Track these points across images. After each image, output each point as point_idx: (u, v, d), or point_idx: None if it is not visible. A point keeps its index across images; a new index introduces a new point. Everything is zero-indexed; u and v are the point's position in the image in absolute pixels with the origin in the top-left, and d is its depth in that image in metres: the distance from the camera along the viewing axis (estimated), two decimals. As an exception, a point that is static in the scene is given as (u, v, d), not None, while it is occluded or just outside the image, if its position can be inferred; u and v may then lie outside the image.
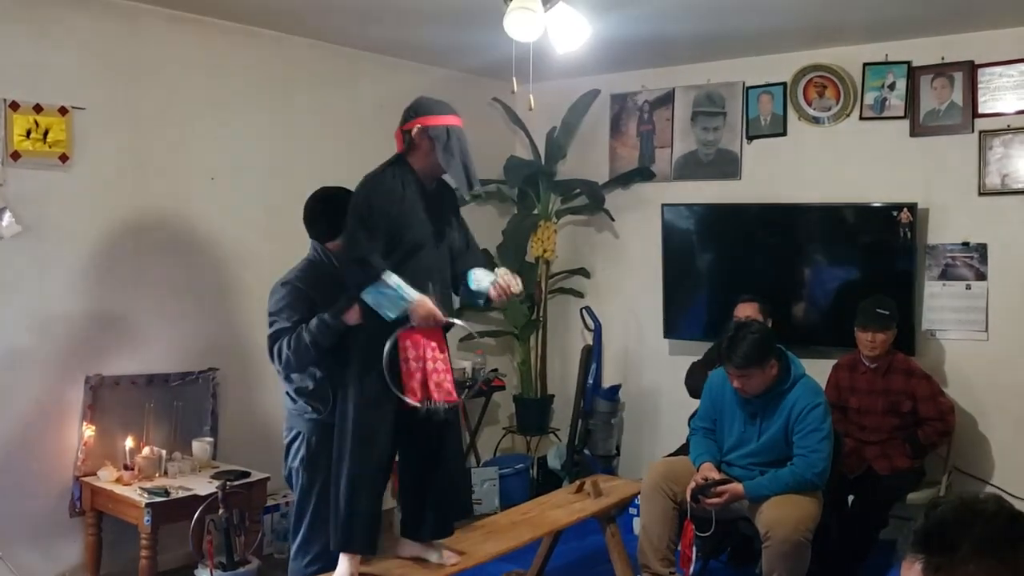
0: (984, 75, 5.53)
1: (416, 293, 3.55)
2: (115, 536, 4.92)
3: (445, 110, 3.77)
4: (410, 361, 3.62)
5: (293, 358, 3.82)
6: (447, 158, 3.67)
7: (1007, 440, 5.56)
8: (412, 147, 3.74)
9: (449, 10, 5.12)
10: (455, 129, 3.73)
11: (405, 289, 3.53)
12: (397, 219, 3.66)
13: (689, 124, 6.66)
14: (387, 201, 3.65)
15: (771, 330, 4.74)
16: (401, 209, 3.67)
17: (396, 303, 3.52)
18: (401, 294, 3.52)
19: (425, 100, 3.80)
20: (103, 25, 4.99)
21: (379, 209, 3.63)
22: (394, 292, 3.51)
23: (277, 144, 5.78)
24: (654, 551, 4.57)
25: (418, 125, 3.71)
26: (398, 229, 3.65)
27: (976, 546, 1.49)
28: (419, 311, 3.54)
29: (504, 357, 7.38)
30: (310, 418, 3.99)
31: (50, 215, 4.81)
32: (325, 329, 3.75)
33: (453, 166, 3.69)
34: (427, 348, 3.67)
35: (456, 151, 3.68)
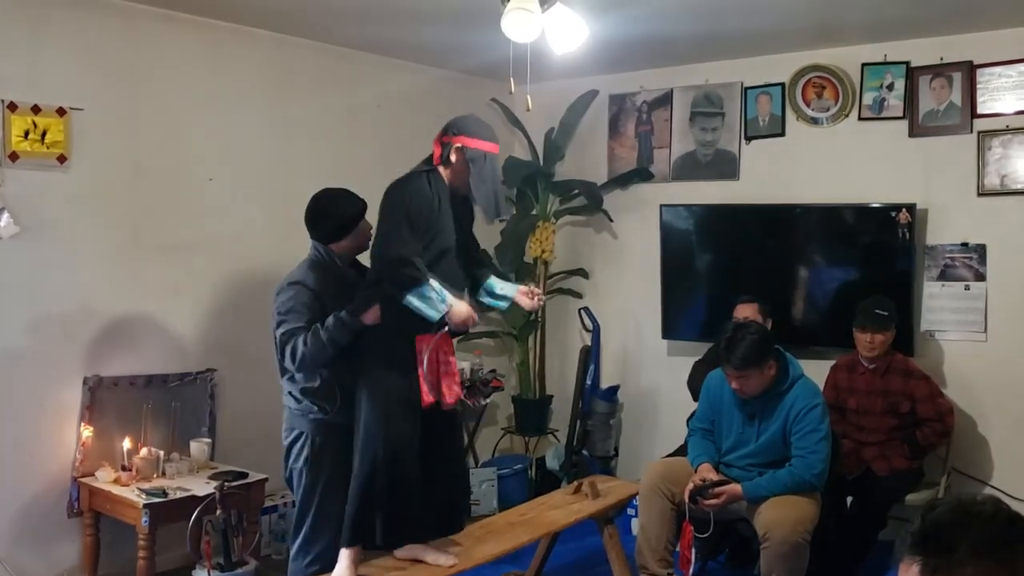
0: (983, 75, 5.53)
1: (452, 298, 3.68)
2: (113, 537, 4.92)
3: (487, 135, 3.88)
4: (425, 363, 3.72)
5: (309, 357, 3.85)
6: (478, 184, 3.79)
7: (1006, 441, 5.56)
8: (447, 162, 3.83)
9: (447, 11, 5.12)
10: (492, 156, 3.85)
11: (446, 294, 3.66)
12: (431, 224, 3.76)
13: (687, 125, 6.66)
14: (426, 205, 3.76)
15: (769, 331, 4.74)
16: (436, 215, 3.78)
17: (438, 306, 3.63)
18: (443, 297, 3.64)
19: (471, 120, 3.91)
20: (101, 26, 4.98)
21: (418, 211, 3.73)
22: (437, 295, 3.63)
23: (275, 145, 5.77)
24: (652, 552, 4.56)
25: (458, 144, 3.80)
26: (431, 233, 3.76)
27: (974, 548, 1.49)
28: (458, 314, 3.69)
29: (503, 358, 7.38)
30: (314, 418, 3.99)
31: (48, 216, 4.81)
32: (342, 327, 3.82)
33: (483, 193, 3.80)
34: (440, 351, 3.80)
35: (488, 178, 3.81)
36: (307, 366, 3.90)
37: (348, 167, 5.69)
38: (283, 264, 4.18)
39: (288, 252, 4.13)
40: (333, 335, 3.81)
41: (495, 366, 7.08)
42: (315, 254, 4.08)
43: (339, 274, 4.04)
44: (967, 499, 1.57)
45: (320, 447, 3.99)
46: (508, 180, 6.96)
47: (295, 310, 3.92)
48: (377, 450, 3.72)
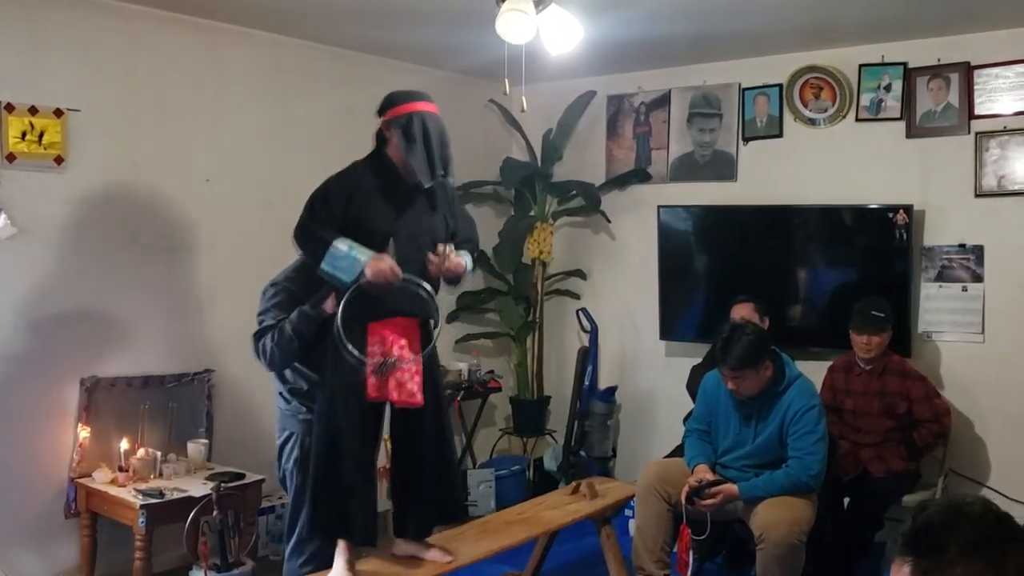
0: (980, 76, 5.53)
1: (370, 252, 3.50)
2: (110, 537, 4.92)
3: (409, 97, 3.71)
4: (376, 356, 3.58)
5: (277, 351, 3.84)
6: (407, 146, 3.60)
7: (1003, 442, 5.56)
8: (386, 142, 3.72)
9: (444, 11, 5.13)
10: (419, 115, 3.65)
11: (358, 250, 3.49)
12: (360, 210, 3.62)
13: (685, 125, 6.66)
14: (347, 191, 3.64)
15: (765, 332, 4.74)
16: (366, 201, 3.64)
17: (351, 266, 3.48)
18: (353, 255, 3.48)
19: (392, 93, 3.76)
20: (99, 27, 4.99)
21: (337, 196, 3.63)
22: (346, 254, 3.48)
23: (272, 146, 5.78)
24: (648, 553, 4.56)
25: (385, 119, 3.70)
26: (364, 222, 3.61)
27: (964, 548, 1.49)
28: (372, 267, 3.47)
29: (501, 359, 7.38)
30: (304, 419, 3.99)
31: (45, 217, 4.81)
32: (305, 319, 3.77)
33: (413, 154, 3.60)
34: (395, 346, 3.63)
35: (418, 137, 3.60)
36: (276, 362, 3.89)
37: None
38: (280, 265, 4.18)
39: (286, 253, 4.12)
40: (297, 327, 3.78)
41: (493, 367, 7.09)
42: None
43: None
44: (957, 500, 1.58)
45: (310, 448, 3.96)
46: (506, 181, 7.00)
47: (270, 310, 3.93)
48: (318, 446, 3.67)
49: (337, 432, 3.64)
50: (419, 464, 3.82)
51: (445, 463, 3.94)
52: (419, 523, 3.92)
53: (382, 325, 3.63)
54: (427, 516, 3.92)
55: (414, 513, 3.87)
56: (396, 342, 3.64)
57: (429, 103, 3.72)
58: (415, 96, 3.72)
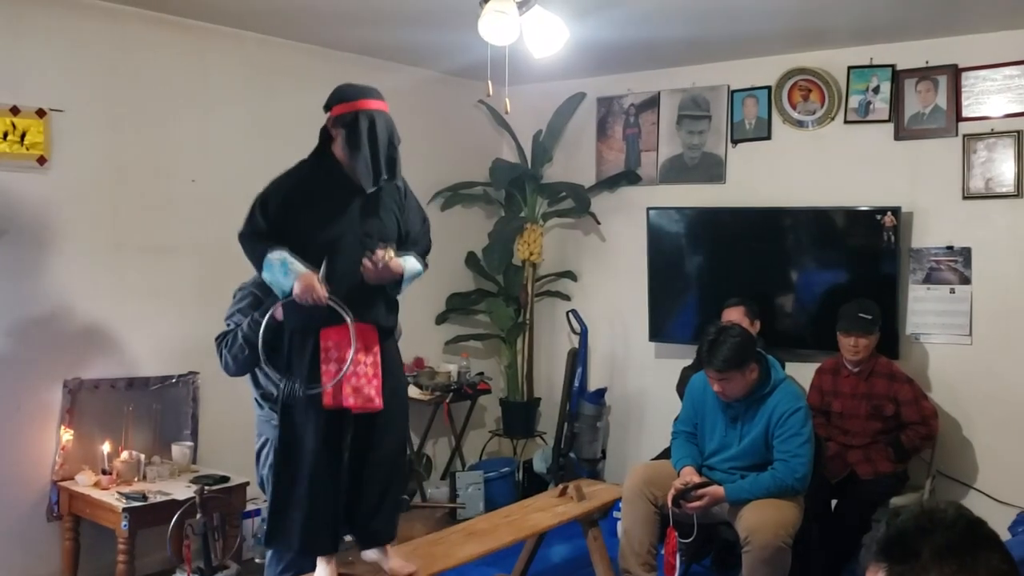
0: (968, 79, 5.52)
1: (302, 268, 3.38)
2: (93, 541, 4.90)
3: (357, 94, 3.54)
4: (331, 362, 3.47)
5: (229, 356, 3.82)
6: (352, 147, 3.45)
7: (991, 444, 5.55)
8: (330, 139, 3.58)
9: (431, 12, 5.11)
10: (367, 114, 3.48)
11: (291, 264, 3.38)
12: (301, 214, 3.49)
13: (674, 127, 6.65)
14: (284, 195, 3.51)
15: (751, 334, 4.72)
16: (306, 205, 3.50)
17: (284, 279, 3.39)
18: (286, 269, 3.38)
19: (339, 88, 3.60)
20: (82, 26, 4.96)
21: (275, 201, 3.49)
22: (280, 268, 3.39)
23: (258, 146, 5.74)
24: (635, 555, 4.55)
25: (331, 115, 3.55)
26: (307, 225, 3.48)
27: (937, 553, 1.49)
28: (298, 285, 3.35)
29: (490, 360, 7.36)
30: (276, 425, 3.96)
31: (28, 217, 4.79)
32: (254, 324, 3.67)
33: (357, 157, 3.44)
34: (349, 350, 3.45)
35: (363, 139, 3.43)
36: (231, 368, 3.86)
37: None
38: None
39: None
40: (247, 335, 3.72)
41: (483, 369, 7.08)
42: None
43: None
44: (930, 506, 1.57)
45: None
46: (495, 182, 6.99)
47: (234, 315, 3.91)
48: (279, 454, 3.59)
49: (293, 442, 3.55)
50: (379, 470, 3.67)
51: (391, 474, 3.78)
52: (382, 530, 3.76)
53: (336, 330, 3.47)
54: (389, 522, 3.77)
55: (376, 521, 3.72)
56: (350, 347, 3.46)
57: (378, 100, 3.54)
58: (363, 92, 3.55)
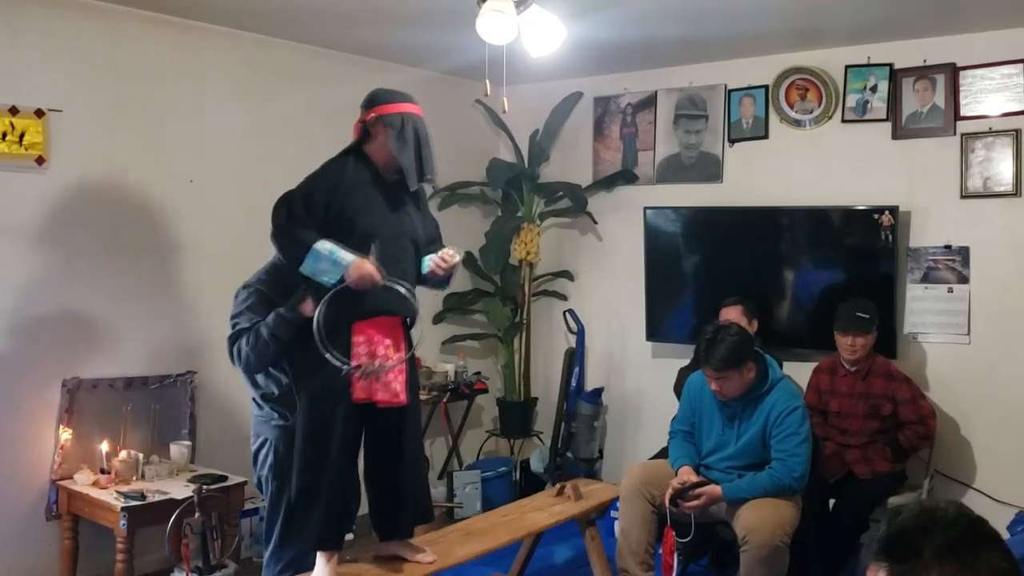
0: (966, 77, 5.53)
1: (352, 255, 3.48)
2: (91, 540, 4.89)
3: (401, 98, 3.72)
4: (361, 357, 3.56)
5: (252, 355, 3.80)
6: (400, 146, 3.62)
7: (989, 443, 5.56)
8: (369, 137, 3.71)
9: (429, 12, 5.11)
10: (411, 117, 3.67)
11: (339, 253, 3.48)
12: (344, 206, 3.61)
13: (671, 127, 6.65)
14: (332, 185, 3.63)
15: (748, 333, 4.72)
16: (350, 197, 3.63)
17: (333, 268, 3.47)
18: (335, 258, 3.47)
19: (382, 90, 3.77)
20: (80, 27, 4.96)
21: (319, 193, 3.61)
22: (328, 257, 3.47)
23: (256, 146, 5.75)
24: (632, 555, 4.55)
25: (374, 115, 3.68)
26: (347, 217, 3.60)
27: (938, 552, 1.49)
28: (355, 272, 3.46)
29: (487, 360, 7.37)
30: (277, 425, 3.97)
31: (26, 217, 4.79)
32: (282, 322, 3.73)
33: (406, 155, 3.62)
34: (380, 345, 3.62)
35: (410, 140, 3.62)
36: (252, 365, 3.85)
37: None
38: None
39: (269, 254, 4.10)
40: (273, 330, 3.74)
41: (480, 368, 7.08)
42: (277, 257, 4.00)
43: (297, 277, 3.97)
44: (930, 504, 1.57)
45: (284, 454, 3.91)
46: (492, 182, 6.99)
47: (244, 313, 3.90)
48: (307, 450, 3.63)
49: (322, 437, 3.61)
50: (400, 464, 3.79)
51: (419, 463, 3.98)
52: (404, 523, 3.89)
53: (368, 324, 3.61)
54: (409, 516, 3.89)
55: (396, 514, 3.85)
56: (381, 342, 3.63)
57: (417, 106, 3.74)
58: (405, 97, 3.74)
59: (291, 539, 3.82)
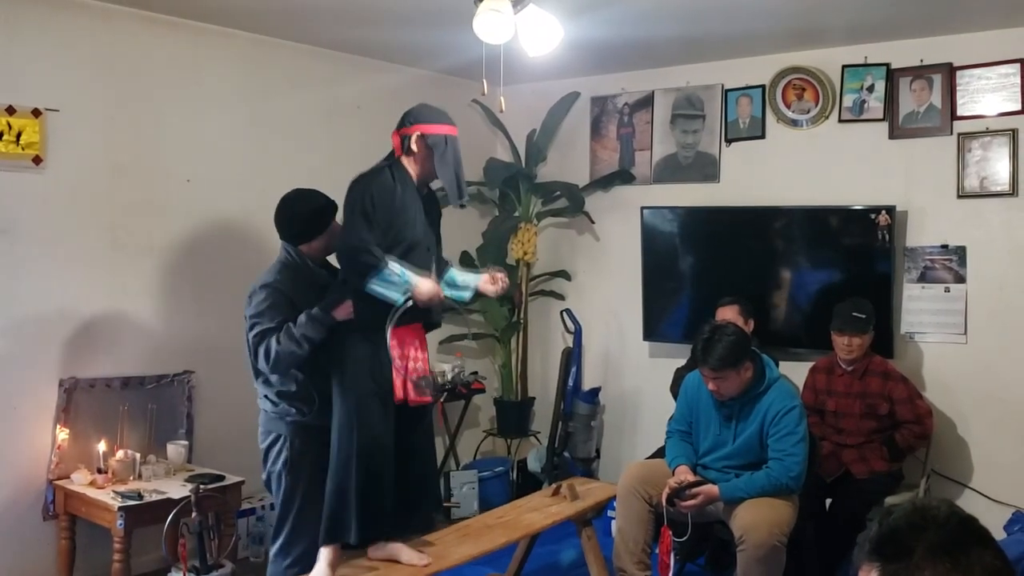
0: (963, 77, 5.53)
1: (416, 276, 3.71)
2: (88, 539, 4.89)
3: (444, 119, 3.91)
4: (396, 359, 3.78)
5: (283, 355, 3.84)
6: (443, 167, 3.82)
7: (986, 443, 5.57)
8: (408, 152, 3.85)
9: (426, 11, 5.11)
10: (452, 139, 3.87)
11: (408, 273, 3.69)
12: (396, 217, 3.78)
13: (668, 127, 6.66)
14: (389, 198, 3.77)
15: (745, 332, 4.72)
16: (400, 208, 3.80)
17: (401, 287, 3.67)
18: (405, 278, 3.67)
19: (426, 108, 3.93)
20: (78, 26, 4.96)
21: (381, 204, 3.75)
22: (399, 277, 3.66)
23: (253, 146, 5.75)
24: (629, 554, 4.55)
25: (417, 132, 3.83)
26: (398, 227, 3.78)
27: (930, 551, 1.49)
28: (423, 290, 3.70)
29: (485, 360, 7.37)
30: (292, 420, 3.98)
31: (23, 217, 4.79)
32: (316, 324, 3.82)
33: (446, 175, 3.83)
34: (411, 347, 3.87)
35: (451, 161, 3.83)
36: (281, 366, 3.87)
37: (328, 168, 5.65)
38: (262, 266, 4.16)
39: (267, 254, 4.12)
40: (306, 332, 3.80)
41: (477, 368, 7.09)
42: (285, 256, 4.05)
43: (310, 275, 4.02)
44: (922, 503, 1.57)
45: (299, 450, 3.98)
46: (490, 181, 6.99)
47: (267, 312, 3.90)
48: (350, 448, 3.74)
49: (375, 437, 3.77)
50: (402, 466, 3.89)
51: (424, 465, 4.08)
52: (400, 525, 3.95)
53: (402, 331, 3.81)
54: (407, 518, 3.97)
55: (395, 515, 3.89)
56: (412, 344, 3.89)
57: (455, 127, 3.94)
58: (447, 118, 3.94)
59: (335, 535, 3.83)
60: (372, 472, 3.75)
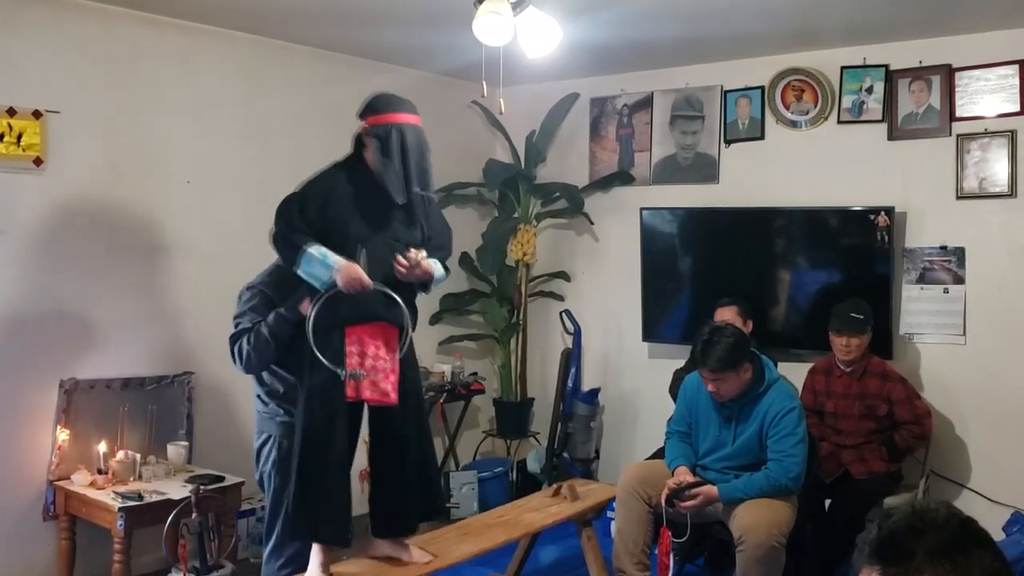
0: (961, 79, 5.54)
1: (342, 259, 3.54)
2: (89, 540, 4.90)
3: (394, 107, 3.68)
4: (353, 356, 3.63)
5: (253, 354, 3.83)
6: (382, 159, 3.60)
7: (984, 444, 5.57)
8: (362, 146, 3.71)
9: (425, 13, 5.11)
10: (400, 127, 3.62)
11: (330, 256, 3.54)
12: (336, 214, 3.64)
13: (668, 128, 6.67)
14: (322, 197, 3.65)
15: (744, 334, 4.73)
16: (343, 204, 3.65)
17: (324, 271, 3.54)
18: (327, 262, 3.53)
19: (375, 98, 3.74)
20: (78, 28, 4.96)
21: (312, 203, 3.64)
22: (320, 260, 3.53)
23: (253, 147, 5.75)
24: (629, 555, 4.55)
25: (364, 124, 3.68)
26: (341, 224, 3.63)
27: (930, 553, 1.49)
28: (343, 275, 3.52)
29: (484, 360, 7.38)
30: (281, 421, 3.98)
31: (23, 218, 4.80)
32: (281, 321, 3.78)
33: (389, 170, 3.59)
34: (371, 346, 3.68)
35: (395, 152, 3.58)
36: (252, 364, 3.88)
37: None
38: (261, 267, 4.16)
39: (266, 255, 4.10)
40: (273, 330, 3.78)
41: (476, 369, 7.09)
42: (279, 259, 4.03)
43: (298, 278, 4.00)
44: (921, 506, 1.58)
45: (288, 450, 3.94)
46: (489, 182, 6.99)
47: (247, 313, 3.92)
48: (302, 448, 3.66)
49: (316, 434, 3.65)
50: (397, 464, 3.81)
51: (425, 463, 3.96)
52: (398, 522, 3.90)
53: (361, 329, 3.66)
54: (405, 515, 3.90)
55: (392, 513, 3.86)
56: (372, 344, 3.69)
57: (412, 114, 3.69)
58: (397, 106, 3.69)
59: (293, 535, 3.83)
60: (307, 474, 3.63)
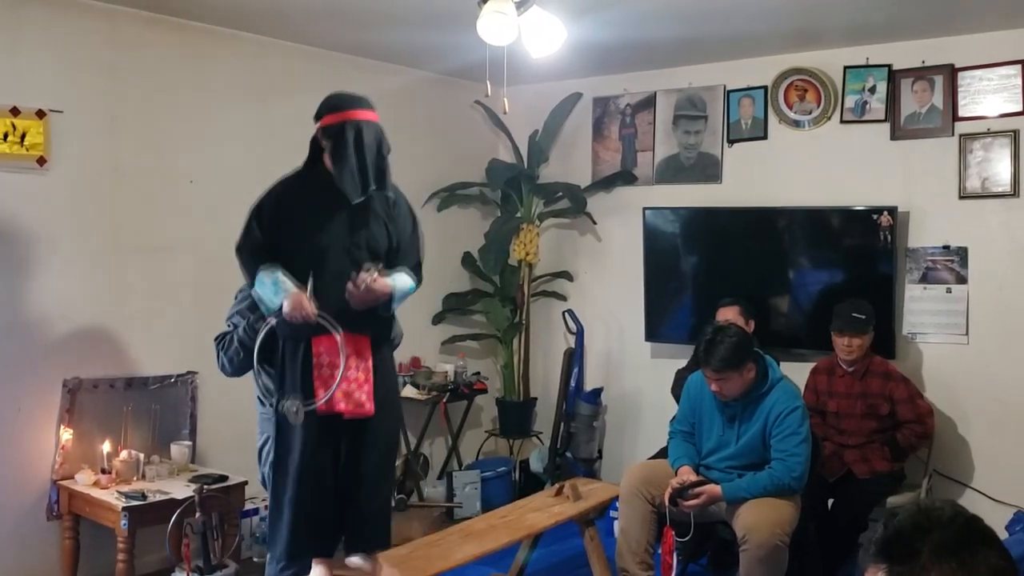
0: (964, 79, 5.54)
1: (292, 287, 3.43)
2: (92, 540, 4.90)
3: (345, 104, 3.56)
4: (323, 367, 3.51)
5: (225, 358, 3.88)
6: (336, 161, 3.50)
7: (987, 443, 5.57)
8: (320, 149, 3.60)
9: (429, 13, 5.12)
10: (354, 124, 3.50)
11: (281, 281, 3.44)
12: (293, 220, 3.54)
13: (671, 127, 6.66)
14: (277, 201, 3.57)
15: (748, 333, 4.73)
16: (298, 210, 3.55)
17: (273, 296, 3.46)
18: (278, 287, 3.44)
19: (328, 98, 3.62)
20: (81, 27, 4.97)
21: (267, 214, 3.55)
22: (270, 284, 3.45)
23: (256, 147, 5.74)
24: (632, 554, 4.56)
25: (318, 126, 3.58)
26: (296, 231, 3.54)
27: (936, 551, 1.49)
28: (288, 304, 3.40)
29: (487, 360, 7.38)
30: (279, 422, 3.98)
31: (27, 218, 4.80)
32: (249, 329, 3.76)
33: (343, 170, 3.47)
34: (339, 358, 3.49)
35: (350, 151, 3.45)
36: (227, 369, 3.91)
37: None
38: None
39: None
40: (242, 338, 3.80)
41: (479, 368, 7.09)
42: None
43: None
44: (926, 504, 1.58)
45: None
46: (492, 182, 7.00)
47: (234, 316, 3.95)
48: (272, 462, 3.65)
49: (287, 448, 3.60)
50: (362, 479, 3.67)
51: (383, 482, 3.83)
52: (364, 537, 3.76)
53: (327, 339, 3.50)
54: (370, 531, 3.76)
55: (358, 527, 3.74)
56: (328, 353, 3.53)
57: (366, 110, 3.56)
58: (350, 103, 3.57)
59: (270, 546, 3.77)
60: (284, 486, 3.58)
